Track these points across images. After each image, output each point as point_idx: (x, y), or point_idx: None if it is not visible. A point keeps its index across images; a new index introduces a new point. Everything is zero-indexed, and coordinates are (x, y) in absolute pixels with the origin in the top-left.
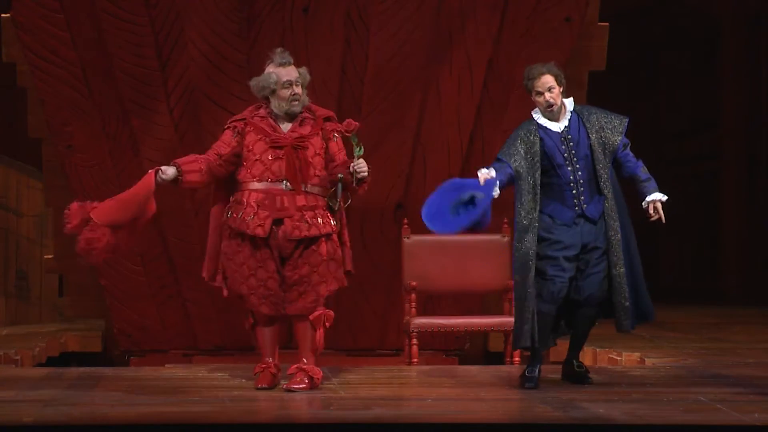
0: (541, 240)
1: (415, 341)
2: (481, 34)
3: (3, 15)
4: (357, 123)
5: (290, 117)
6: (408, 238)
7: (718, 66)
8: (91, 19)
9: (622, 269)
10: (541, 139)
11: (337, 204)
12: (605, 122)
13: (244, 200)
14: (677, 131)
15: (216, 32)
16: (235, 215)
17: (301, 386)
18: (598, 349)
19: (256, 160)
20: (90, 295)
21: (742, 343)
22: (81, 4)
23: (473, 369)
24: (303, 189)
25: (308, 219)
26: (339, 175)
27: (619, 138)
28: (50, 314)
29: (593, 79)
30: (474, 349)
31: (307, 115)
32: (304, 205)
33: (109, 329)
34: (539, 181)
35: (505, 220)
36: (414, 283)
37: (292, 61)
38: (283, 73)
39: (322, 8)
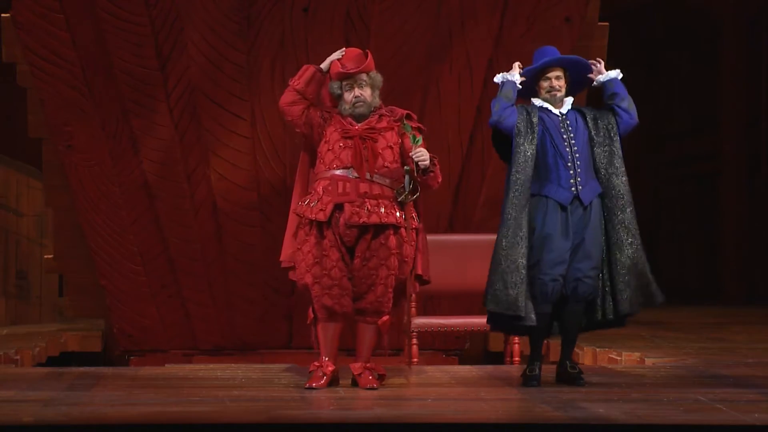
0: (533, 233)
1: (415, 341)
2: (481, 34)
3: (3, 15)
4: (403, 111)
5: (363, 117)
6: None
7: (718, 66)
8: (91, 19)
9: (631, 250)
10: (541, 118)
11: (404, 196)
12: (599, 110)
13: (312, 189)
14: (677, 131)
15: (216, 32)
16: (302, 203)
17: (373, 385)
18: (598, 349)
19: (329, 150)
20: (90, 295)
21: (742, 343)
22: (81, 3)
23: (473, 369)
24: (368, 177)
25: (369, 206)
26: (405, 167)
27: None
28: (50, 314)
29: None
30: (474, 349)
31: (385, 113)
32: (366, 193)
33: (109, 329)
34: (534, 154)
35: None
36: None
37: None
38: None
39: (322, 8)
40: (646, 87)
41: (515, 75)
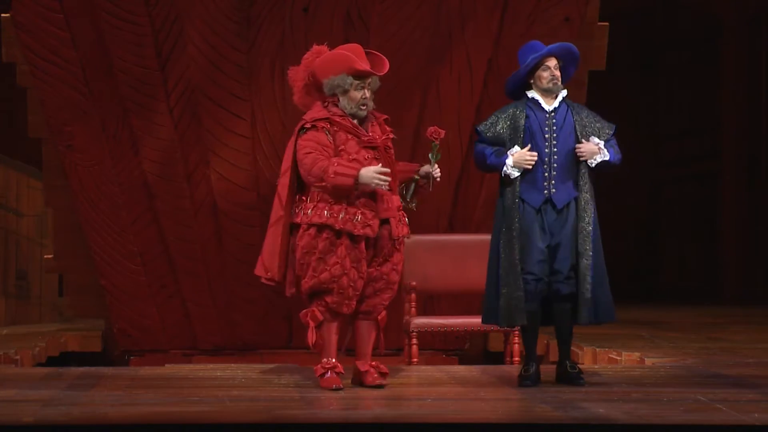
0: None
1: (415, 341)
2: (481, 34)
3: (3, 15)
4: (443, 131)
5: (361, 120)
6: (408, 237)
7: (718, 66)
8: (91, 19)
9: (588, 261)
10: (527, 116)
11: (410, 203)
12: (593, 122)
13: (339, 200)
14: (677, 131)
15: (216, 32)
16: (336, 215)
17: (379, 382)
18: (598, 349)
19: (353, 159)
20: (90, 295)
21: (742, 343)
22: (81, 3)
23: (473, 369)
24: (394, 190)
25: (401, 218)
26: (415, 177)
27: (604, 139)
28: (50, 314)
29: (593, 79)
30: (474, 349)
31: (371, 116)
32: (398, 205)
33: (109, 329)
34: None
35: None
36: (414, 283)
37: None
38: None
39: (322, 8)
40: (645, 87)
41: (511, 170)
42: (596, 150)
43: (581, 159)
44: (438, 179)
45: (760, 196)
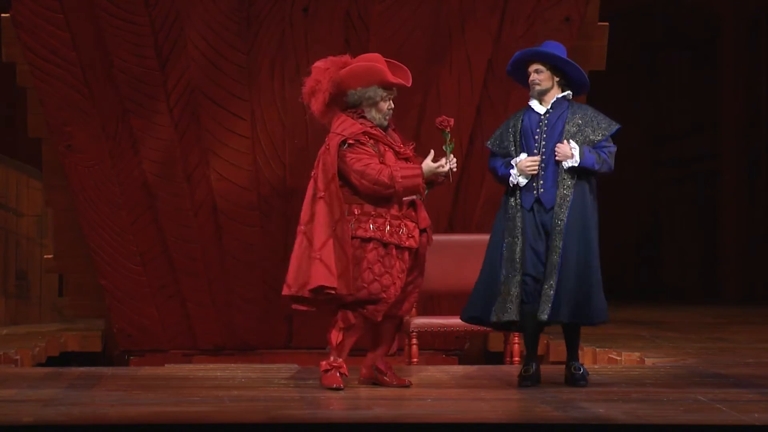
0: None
1: (415, 341)
2: (481, 34)
3: (3, 15)
4: (452, 118)
5: (384, 127)
6: None
7: (718, 66)
8: (91, 19)
9: (557, 258)
10: (522, 120)
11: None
12: (592, 120)
13: (384, 211)
14: (677, 131)
15: (216, 32)
16: (381, 229)
17: (409, 381)
18: (598, 349)
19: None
20: (90, 295)
21: (742, 343)
22: (81, 3)
23: (473, 369)
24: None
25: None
26: (429, 182)
27: (599, 139)
28: (50, 314)
29: (593, 79)
30: (474, 349)
31: (390, 124)
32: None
33: (109, 329)
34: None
35: None
36: None
37: None
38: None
39: (322, 8)
40: (646, 87)
41: (518, 179)
42: (569, 154)
43: (555, 158)
44: (456, 170)
45: (760, 196)
